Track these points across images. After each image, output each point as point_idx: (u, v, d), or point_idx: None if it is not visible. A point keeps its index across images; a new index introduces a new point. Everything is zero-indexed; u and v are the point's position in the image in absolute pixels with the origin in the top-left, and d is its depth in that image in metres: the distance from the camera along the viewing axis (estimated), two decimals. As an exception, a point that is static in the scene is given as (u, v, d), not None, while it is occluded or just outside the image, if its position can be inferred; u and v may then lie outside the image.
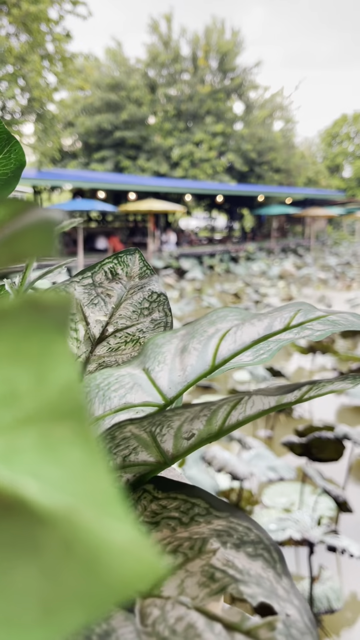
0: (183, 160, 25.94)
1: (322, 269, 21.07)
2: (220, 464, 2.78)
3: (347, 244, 33.68)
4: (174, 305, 11.50)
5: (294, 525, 2.49)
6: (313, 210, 29.75)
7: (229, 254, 24.12)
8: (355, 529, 3.68)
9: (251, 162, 28.33)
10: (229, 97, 28.99)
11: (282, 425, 5.57)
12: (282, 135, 29.86)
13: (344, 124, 46.84)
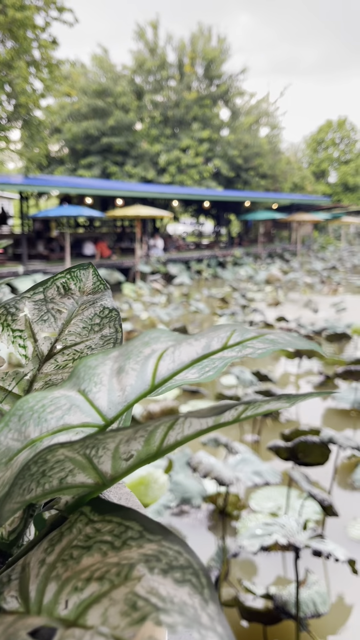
0: (170, 166, 26.00)
1: (309, 274, 21.21)
2: (206, 470, 2.78)
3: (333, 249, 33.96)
4: (161, 310, 11.51)
5: (280, 529, 2.49)
6: (299, 215, 29.97)
7: (217, 259, 24.20)
8: (342, 533, 3.69)
9: (237, 168, 28.48)
10: (215, 104, 29.15)
11: (269, 429, 5.59)
12: (268, 141, 30.06)
13: (328, 130, 47.32)
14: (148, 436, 0.34)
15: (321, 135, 47.36)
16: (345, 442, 3.75)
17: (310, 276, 20.09)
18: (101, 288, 0.58)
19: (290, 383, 7.37)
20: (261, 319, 10.78)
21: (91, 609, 0.30)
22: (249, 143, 28.35)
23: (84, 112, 26.09)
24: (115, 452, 0.34)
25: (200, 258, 23.59)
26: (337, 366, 7.65)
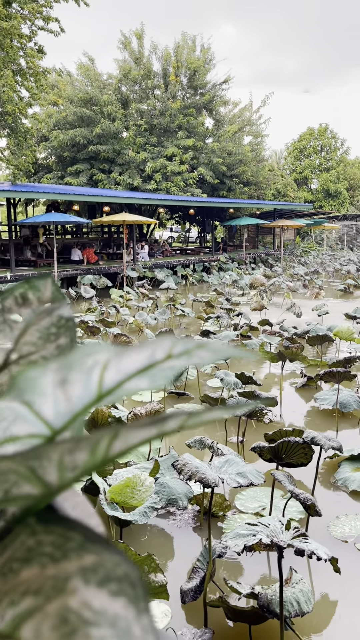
0: (156, 174, 26.14)
1: (292, 278, 21.46)
2: (190, 472, 2.86)
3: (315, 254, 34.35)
4: (148, 314, 11.59)
5: (264, 529, 2.58)
6: (282, 221, 30.28)
7: (202, 264, 24.37)
8: (325, 532, 3.81)
9: (222, 175, 28.72)
10: (200, 113, 29.37)
11: (254, 431, 5.70)
12: (251, 149, 30.35)
13: (310, 138, 47.90)
14: (92, 447, 0.34)
15: (303, 143, 47.93)
16: (327, 443, 3.88)
17: (293, 280, 20.33)
18: (59, 298, 0.58)
19: (274, 384, 7.51)
20: (245, 323, 10.93)
21: (25, 623, 0.30)
22: (233, 151, 28.63)
23: (70, 120, 26.17)
24: (60, 462, 0.34)
25: (186, 263, 23.74)
26: (320, 368, 7.81)
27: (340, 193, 45.70)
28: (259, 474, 3.07)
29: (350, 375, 5.93)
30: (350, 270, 23.78)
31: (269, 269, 25.17)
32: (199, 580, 2.98)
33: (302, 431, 3.92)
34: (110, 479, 3.64)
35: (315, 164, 47.03)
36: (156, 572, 2.23)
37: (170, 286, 16.33)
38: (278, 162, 47.96)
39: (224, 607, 2.79)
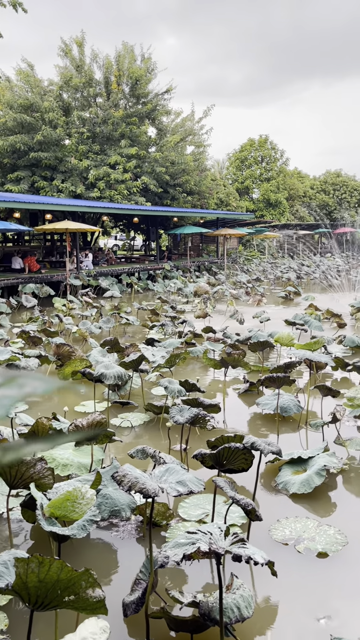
0: (99, 182, 25.96)
1: (235, 286, 21.84)
2: (130, 483, 2.83)
3: (257, 262, 35.17)
4: (92, 323, 11.44)
5: (204, 537, 2.57)
6: (225, 230, 30.85)
7: (147, 272, 24.38)
8: (267, 535, 3.86)
9: (165, 184, 28.92)
10: (142, 122, 29.49)
11: (197, 438, 5.73)
12: (193, 158, 30.77)
13: (251, 148, 49.21)
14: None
15: (244, 154, 49.13)
16: (266, 447, 3.94)
17: (236, 288, 20.69)
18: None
19: (218, 391, 7.59)
20: (190, 330, 11.00)
21: None
22: (176, 160, 28.92)
23: (10, 126, 25.59)
24: None
25: (131, 271, 23.68)
26: (261, 373, 7.97)
27: (281, 202, 47.08)
28: (199, 482, 3.08)
29: (289, 380, 6.08)
30: (291, 277, 24.48)
31: (212, 277, 25.52)
32: (141, 592, 2.95)
33: (243, 437, 3.96)
34: (51, 492, 3.55)
35: (256, 174, 48.26)
36: (94, 587, 2.19)
37: (114, 294, 16.22)
38: (220, 172, 48.86)
39: (165, 618, 2.77)
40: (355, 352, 9.67)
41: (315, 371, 7.86)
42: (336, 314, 12.47)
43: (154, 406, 6.27)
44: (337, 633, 2.83)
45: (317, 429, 5.81)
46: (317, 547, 3.64)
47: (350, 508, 4.29)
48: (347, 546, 3.66)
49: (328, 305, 14.10)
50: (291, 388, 7.36)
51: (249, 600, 2.70)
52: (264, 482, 4.73)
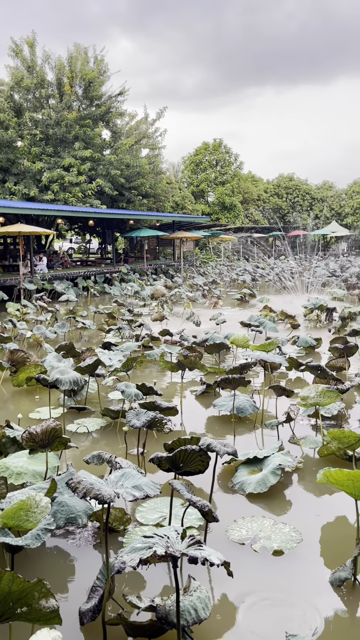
0: (53, 184, 25.57)
1: (191, 288, 21.97)
2: (85, 489, 2.79)
3: (214, 264, 35.53)
4: (47, 328, 11.24)
5: (160, 541, 2.57)
6: (181, 233, 31.02)
7: (104, 276, 24.18)
8: (224, 536, 3.89)
9: (120, 187, 28.77)
10: (96, 124, 29.25)
11: (155, 441, 5.72)
12: (148, 161, 30.77)
13: (205, 152, 49.70)
14: None
15: (199, 157, 49.55)
16: (222, 449, 3.98)
17: (193, 291, 20.82)
18: None
19: (176, 393, 7.60)
20: (147, 333, 10.98)
21: None
22: (131, 163, 28.84)
23: None
24: None
25: (87, 275, 23.42)
26: (218, 375, 8.04)
27: (235, 206, 47.74)
28: (154, 485, 3.07)
29: (245, 381, 6.16)
30: (246, 279, 24.83)
31: (169, 280, 25.58)
32: (98, 599, 2.91)
33: (200, 439, 3.99)
34: (4, 502, 3.46)
35: (211, 177, 48.76)
36: (47, 597, 2.14)
37: (70, 298, 16.00)
38: (176, 175, 49.09)
39: (122, 624, 2.75)
40: (308, 352, 9.90)
41: (270, 372, 8.00)
42: (290, 315, 12.74)
43: (110, 411, 6.22)
44: (293, 630, 2.89)
45: (273, 428, 5.91)
46: (272, 545, 3.70)
47: (304, 505, 4.38)
48: (301, 543, 3.74)
49: (282, 307, 14.39)
50: (247, 389, 7.46)
51: (206, 601, 2.71)
52: (221, 483, 4.78)
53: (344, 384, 6.46)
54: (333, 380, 6.66)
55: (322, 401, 5.53)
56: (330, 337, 10.66)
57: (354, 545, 3.56)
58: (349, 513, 4.13)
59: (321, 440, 5.44)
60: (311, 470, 4.96)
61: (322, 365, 6.77)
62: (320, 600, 3.20)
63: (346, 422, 6.26)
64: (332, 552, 3.68)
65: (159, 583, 3.43)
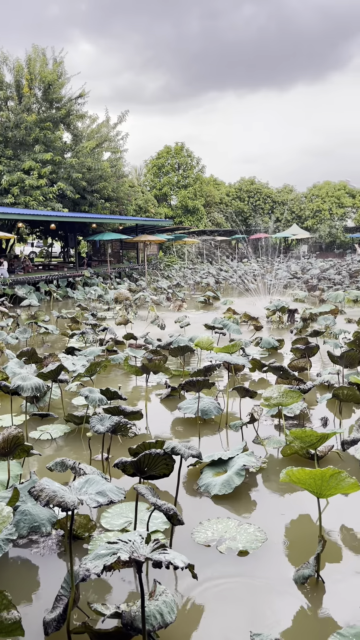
0: (13, 187, 25.13)
1: (156, 292, 21.97)
2: (48, 497, 2.74)
3: (178, 267, 35.63)
4: (8, 334, 11.01)
5: (124, 546, 2.54)
6: (145, 236, 30.98)
7: (66, 280, 23.88)
8: (189, 539, 3.89)
9: (82, 190, 28.52)
10: (57, 127, 28.93)
11: (120, 446, 5.68)
12: (110, 165, 30.62)
13: (167, 155, 49.85)
14: None
15: (161, 161, 49.65)
16: (186, 452, 3.98)
17: (157, 294, 20.82)
18: None
19: (141, 397, 7.57)
20: (111, 337, 10.91)
21: None
22: (92, 166, 28.63)
23: None
24: None
25: (49, 279, 23.08)
26: (182, 378, 8.07)
27: (198, 209, 48.04)
28: (119, 491, 3.05)
29: (209, 383, 6.19)
30: (210, 282, 25.00)
31: (133, 283, 25.50)
32: (62, 608, 2.87)
33: (164, 442, 3.98)
34: None
35: (173, 181, 48.92)
36: (9, 608, 2.10)
37: (32, 303, 15.73)
38: (138, 178, 49.02)
39: (88, 633, 2.71)
40: (271, 353, 10.04)
41: (234, 373, 8.08)
42: (253, 317, 12.90)
43: (74, 416, 6.14)
44: (258, 629, 2.91)
45: (237, 429, 5.96)
46: (238, 546, 3.73)
47: (269, 505, 4.44)
48: (266, 542, 3.78)
49: (245, 309, 14.55)
50: (211, 391, 7.51)
51: (171, 605, 2.71)
52: (187, 486, 4.78)
53: (306, 384, 6.58)
54: (295, 381, 6.78)
55: (285, 401, 5.62)
56: (292, 338, 10.85)
57: (317, 543, 3.63)
58: (312, 511, 4.21)
59: (284, 440, 5.52)
60: (275, 470, 5.03)
61: (284, 366, 6.88)
62: (284, 598, 3.24)
63: (308, 421, 6.37)
64: (296, 550, 3.74)
65: (125, 589, 3.41)
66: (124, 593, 3.37)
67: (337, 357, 7.15)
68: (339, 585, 3.36)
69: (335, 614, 3.10)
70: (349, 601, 3.19)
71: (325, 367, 8.76)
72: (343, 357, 7.07)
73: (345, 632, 2.74)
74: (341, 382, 7.44)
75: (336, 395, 5.98)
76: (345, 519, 4.14)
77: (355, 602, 3.17)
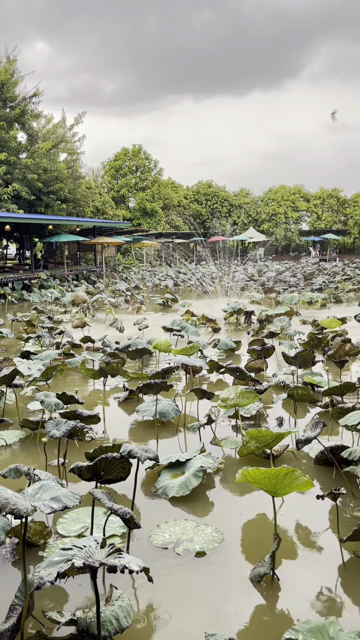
0: (-35, 188, 24.50)
1: (114, 294, 21.82)
2: (0, 504, 2.67)
3: (136, 270, 35.54)
4: None
5: (79, 552, 2.50)
6: (102, 238, 30.74)
7: (22, 282, 23.40)
8: (147, 542, 3.88)
9: (38, 192, 28.05)
10: (11, 126, 28.34)
11: (77, 450, 5.60)
12: (67, 166, 30.24)
13: (125, 157, 49.69)
14: None
15: (118, 163, 49.44)
16: (143, 454, 3.97)
17: (116, 296, 20.69)
18: None
19: (98, 401, 7.50)
20: (68, 341, 10.77)
21: None
22: (48, 167, 28.21)
23: None
24: None
25: (4, 281, 22.56)
26: (141, 381, 8.04)
27: (156, 211, 48.08)
28: (74, 496, 3.01)
29: (167, 385, 6.20)
30: (168, 285, 25.05)
31: (91, 286, 25.26)
32: (16, 618, 2.80)
33: (121, 446, 3.96)
34: None
35: (131, 183, 48.79)
36: None
37: (-15, 306, 15.33)
38: (96, 180, 48.60)
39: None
40: (229, 354, 10.15)
41: (192, 375, 8.12)
42: (211, 319, 13.00)
43: (30, 422, 6.02)
44: (214, 629, 2.93)
45: (195, 431, 5.99)
46: (195, 547, 3.75)
47: (226, 505, 4.48)
48: (223, 543, 3.81)
49: (204, 311, 14.65)
50: (170, 393, 7.51)
51: (127, 609, 2.69)
52: (145, 489, 4.77)
53: (262, 385, 6.69)
54: (252, 381, 6.88)
55: (242, 402, 5.69)
56: (249, 339, 11.00)
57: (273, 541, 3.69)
58: (268, 510, 4.27)
59: (241, 441, 5.58)
60: (232, 470, 5.07)
61: (241, 367, 6.97)
62: (240, 597, 3.28)
63: (264, 421, 6.47)
64: (252, 549, 3.79)
65: (82, 595, 3.36)
66: (81, 599, 3.32)
67: (292, 357, 7.29)
68: (294, 581, 3.42)
69: (290, 610, 3.15)
70: (304, 597, 3.26)
71: (280, 367, 8.92)
72: (297, 357, 7.22)
73: (300, 627, 2.80)
74: (296, 382, 7.60)
75: (291, 395, 6.10)
76: (300, 516, 4.23)
77: (309, 598, 3.24)
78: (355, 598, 3.24)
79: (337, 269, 35.08)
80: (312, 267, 37.23)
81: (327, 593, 3.29)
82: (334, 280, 26.24)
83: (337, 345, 8.52)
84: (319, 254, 51.66)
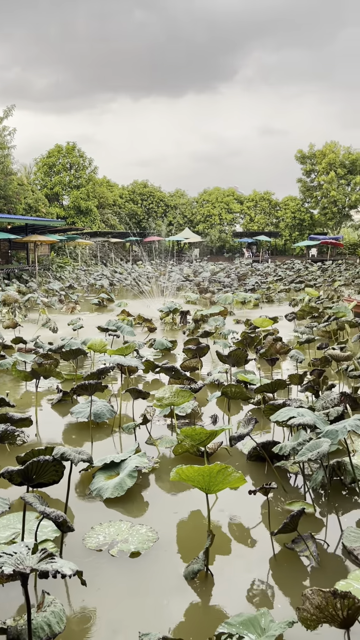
0: None
1: (47, 294, 21.31)
2: None
3: (71, 269, 34.89)
4: None
5: (9, 559, 2.41)
6: (35, 236, 29.92)
7: None
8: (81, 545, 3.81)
9: (-34, 186, 26.98)
10: None
11: (8, 455, 5.42)
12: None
13: (59, 154, 48.61)
14: None
15: (52, 160, 48.31)
16: (76, 457, 3.90)
17: (49, 296, 20.21)
18: None
19: (31, 403, 7.29)
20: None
21: None
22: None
23: None
24: None
25: None
26: (75, 382, 7.90)
27: (91, 210, 47.43)
28: (2, 501, 2.91)
29: (102, 386, 6.13)
30: (104, 284, 24.78)
31: (23, 285, 24.52)
32: None
33: (53, 448, 3.87)
34: None
35: (65, 180, 47.82)
36: None
37: None
38: (28, 177, 47.23)
39: (-30, 656, 2.55)
40: (164, 354, 10.18)
41: (128, 375, 8.07)
42: (147, 319, 13.00)
43: None
44: (148, 628, 2.93)
45: (130, 431, 5.96)
46: (130, 547, 3.73)
47: (161, 504, 4.49)
48: (158, 542, 3.82)
49: (140, 311, 14.62)
50: (105, 394, 7.44)
51: (60, 615, 2.64)
52: (79, 491, 4.69)
53: (197, 383, 6.76)
54: (187, 380, 6.94)
55: (177, 401, 5.72)
56: (184, 339, 11.10)
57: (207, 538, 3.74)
58: (203, 507, 4.32)
59: (176, 439, 5.62)
60: (167, 469, 5.09)
61: (175, 367, 7.01)
62: (175, 594, 3.29)
63: (199, 419, 6.55)
64: (187, 547, 3.82)
65: (14, 603, 3.26)
66: (13, 607, 3.22)
67: (226, 356, 7.43)
68: (228, 576, 3.48)
69: (224, 605, 3.21)
70: (237, 591, 3.32)
71: (215, 366, 9.06)
72: (231, 356, 7.36)
73: (233, 620, 2.86)
74: (230, 381, 7.74)
75: (225, 393, 6.21)
76: (234, 512, 4.31)
77: (242, 592, 3.31)
78: (285, 589, 3.35)
79: (269, 270, 36.11)
80: (245, 268, 38.09)
81: (259, 585, 3.38)
82: (266, 280, 26.99)
83: (269, 344, 8.78)
84: (252, 255, 52.94)
